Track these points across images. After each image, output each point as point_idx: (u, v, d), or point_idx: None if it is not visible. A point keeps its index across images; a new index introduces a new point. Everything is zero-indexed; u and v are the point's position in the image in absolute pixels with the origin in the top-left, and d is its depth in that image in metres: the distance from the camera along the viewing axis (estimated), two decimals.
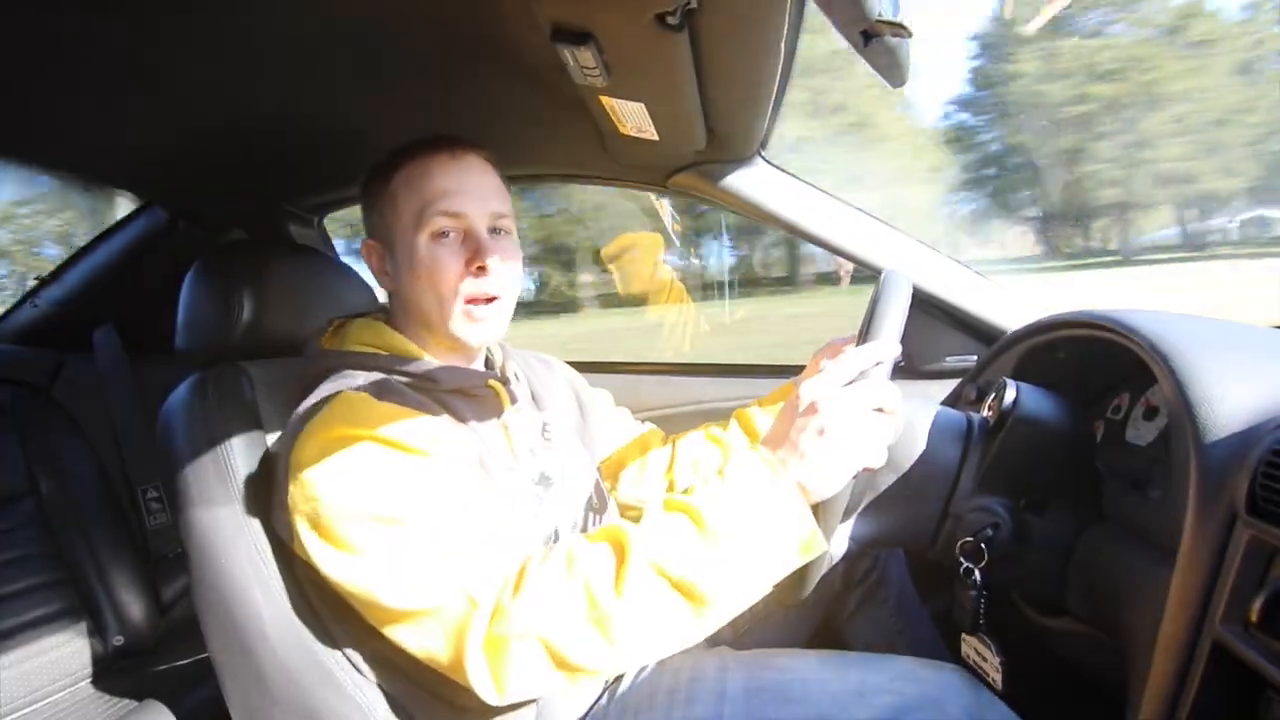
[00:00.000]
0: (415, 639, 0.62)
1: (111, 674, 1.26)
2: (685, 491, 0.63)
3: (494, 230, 0.77)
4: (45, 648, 1.20)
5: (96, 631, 1.26)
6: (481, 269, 0.74)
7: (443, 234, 0.74)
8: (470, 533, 0.63)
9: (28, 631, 1.19)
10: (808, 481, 0.60)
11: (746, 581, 0.61)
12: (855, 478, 0.62)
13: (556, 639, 0.58)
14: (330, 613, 0.70)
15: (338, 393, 0.69)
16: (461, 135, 0.79)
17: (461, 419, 0.75)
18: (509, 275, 0.78)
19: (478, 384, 0.79)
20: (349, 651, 0.71)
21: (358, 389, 0.69)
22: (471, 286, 0.75)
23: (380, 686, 0.71)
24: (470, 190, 0.76)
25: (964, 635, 0.83)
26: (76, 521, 1.29)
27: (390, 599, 0.61)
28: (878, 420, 0.61)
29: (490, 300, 0.76)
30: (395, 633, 0.63)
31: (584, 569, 0.60)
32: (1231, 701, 0.54)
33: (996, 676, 0.79)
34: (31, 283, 1.56)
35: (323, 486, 0.63)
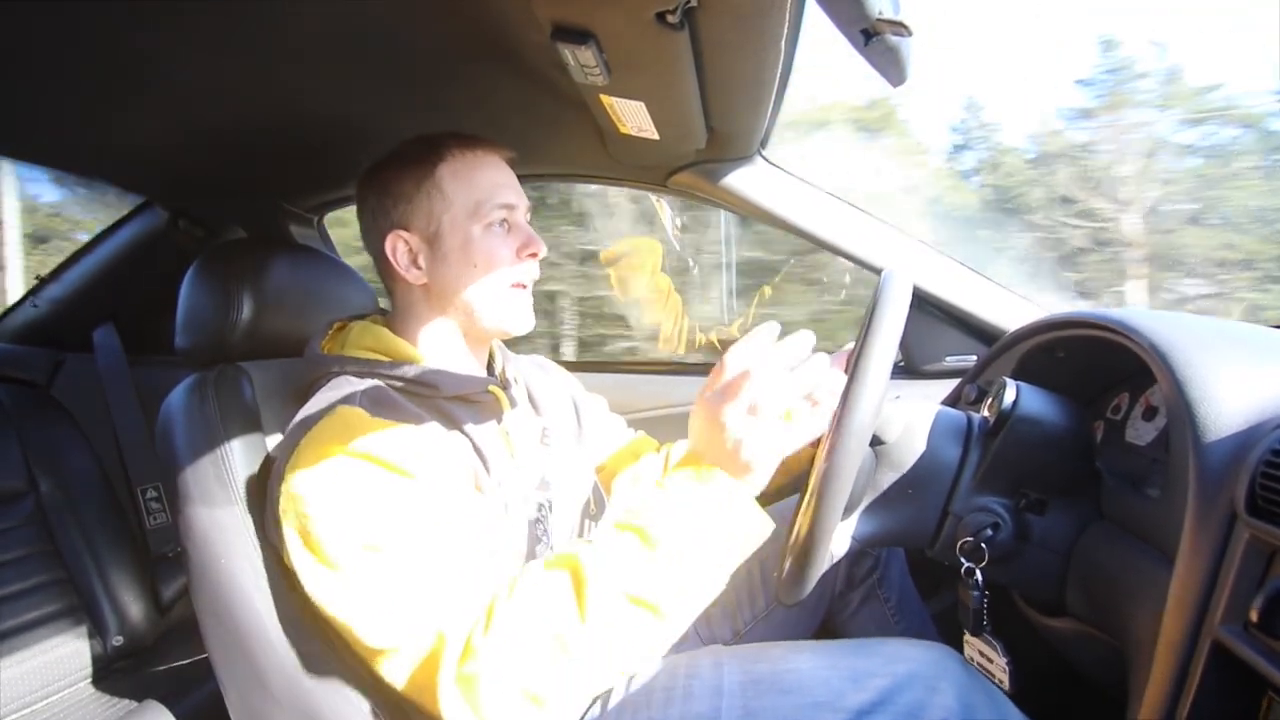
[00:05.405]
0: (391, 673, 0.63)
1: (111, 674, 1.26)
2: (629, 511, 0.65)
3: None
4: (45, 648, 1.20)
5: (96, 631, 1.26)
6: (534, 255, 0.80)
7: (497, 224, 0.79)
8: (447, 565, 0.63)
9: (27, 631, 1.19)
10: (736, 470, 0.62)
11: (702, 582, 0.63)
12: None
13: (529, 676, 0.59)
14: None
15: (335, 406, 0.70)
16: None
17: (460, 425, 0.76)
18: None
19: (478, 389, 0.79)
20: (346, 653, 0.70)
21: (356, 403, 0.70)
22: (524, 272, 0.81)
23: (375, 689, 0.71)
24: (516, 185, 0.82)
25: (967, 638, 0.83)
26: (76, 521, 1.29)
27: (366, 634, 0.62)
28: (809, 410, 0.63)
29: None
30: (374, 663, 0.64)
31: (548, 603, 0.61)
32: (1231, 702, 0.54)
33: (1004, 678, 0.78)
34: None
35: (314, 504, 0.64)
